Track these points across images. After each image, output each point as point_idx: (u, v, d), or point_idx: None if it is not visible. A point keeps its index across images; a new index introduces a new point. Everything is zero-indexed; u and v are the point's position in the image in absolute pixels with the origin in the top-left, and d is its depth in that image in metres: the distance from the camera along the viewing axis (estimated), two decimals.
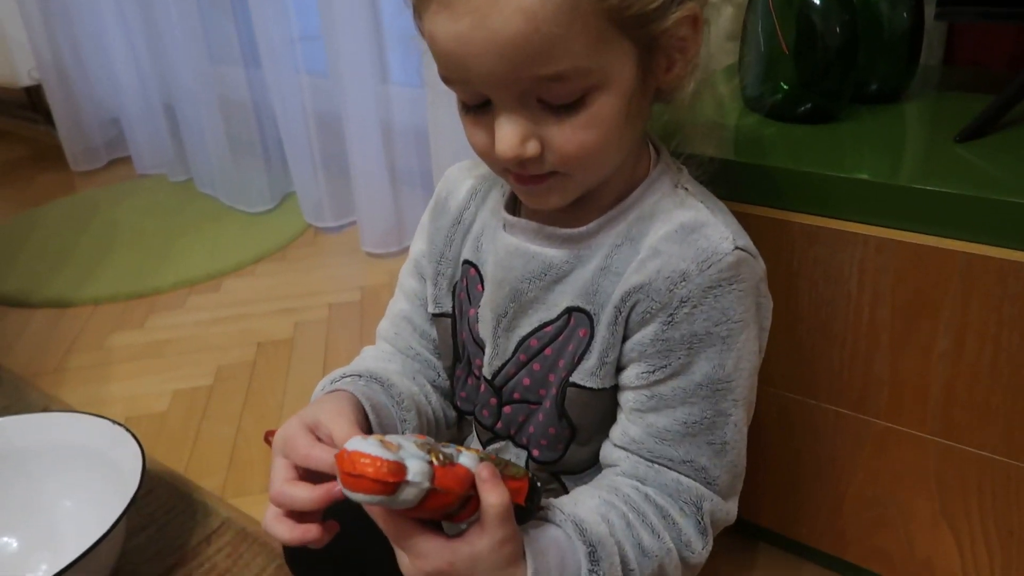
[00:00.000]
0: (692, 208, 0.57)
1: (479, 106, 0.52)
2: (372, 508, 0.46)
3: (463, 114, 0.55)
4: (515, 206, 0.63)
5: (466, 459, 0.47)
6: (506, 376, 0.63)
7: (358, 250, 1.77)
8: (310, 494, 0.51)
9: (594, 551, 0.51)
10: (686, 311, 0.54)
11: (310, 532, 0.51)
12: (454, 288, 0.68)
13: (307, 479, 0.52)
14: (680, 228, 0.56)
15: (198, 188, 2.16)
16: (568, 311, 0.59)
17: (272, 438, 0.56)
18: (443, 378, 0.72)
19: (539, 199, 0.56)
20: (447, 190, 0.69)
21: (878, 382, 0.72)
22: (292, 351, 1.43)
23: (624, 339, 0.58)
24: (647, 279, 0.55)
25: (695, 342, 0.55)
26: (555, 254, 0.59)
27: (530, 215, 0.61)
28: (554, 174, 0.54)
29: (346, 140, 1.64)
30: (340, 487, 0.44)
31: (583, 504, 0.55)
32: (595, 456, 0.63)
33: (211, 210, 2.05)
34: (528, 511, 0.51)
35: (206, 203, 2.09)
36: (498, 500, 0.46)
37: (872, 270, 0.67)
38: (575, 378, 0.60)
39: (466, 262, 0.66)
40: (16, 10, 2.25)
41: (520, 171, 0.53)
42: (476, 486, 0.47)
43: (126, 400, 1.32)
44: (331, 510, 0.52)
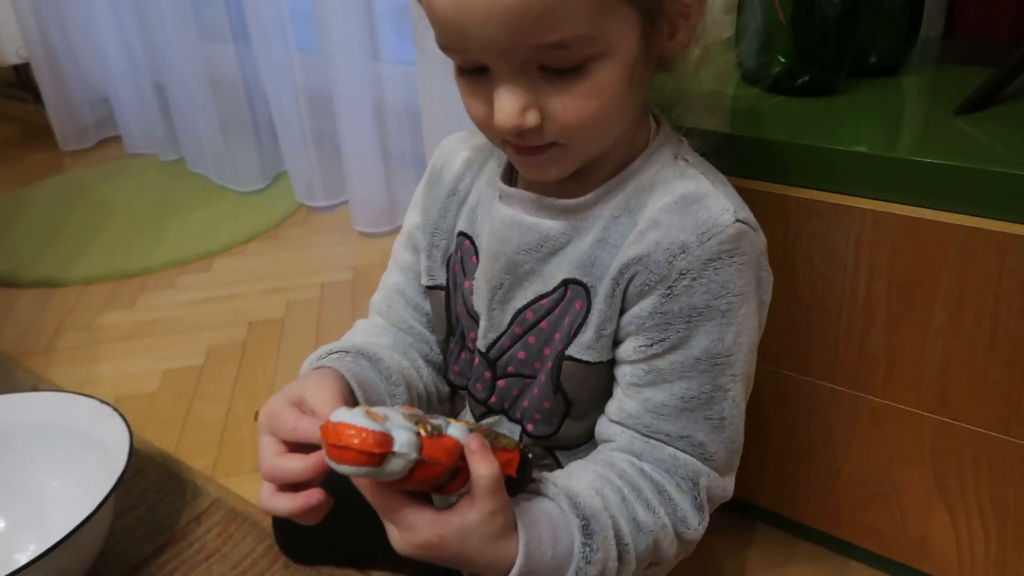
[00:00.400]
0: (692, 179, 0.56)
1: (476, 72, 0.51)
2: (359, 480, 0.45)
3: (460, 80, 0.53)
4: (511, 177, 0.62)
5: (455, 430, 0.47)
6: (501, 349, 0.63)
7: (350, 229, 1.76)
8: (303, 463, 0.50)
9: (587, 524, 0.51)
10: (685, 283, 0.54)
11: (313, 497, 0.50)
12: (448, 260, 0.67)
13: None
14: (680, 199, 0.55)
15: (189, 167, 2.14)
16: (565, 283, 0.59)
17: None
18: (436, 352, 0.71)
19: (538, 170, 0.55)
20: (442, 161, 0.68)
21: (874, 358, 0.72)
22: (283, 331, 1.42)
23: (622, 312, 0.57)
24: (646, 251, 0.54)
25: (694, 315, 0.54)
26: (552, 225, 0.58)
27: (527, 186, 0.60)
28: (554, 145, 0.52)
29: (338, 119, 1.63)
30: (326, 459, 0.43)
31: (577, 478, 0.55)
32: (590, 431, 0.63)
33: (202, 189, 2.03)
34: (520, 483, 0.51)
35: (197, 182, 2.07)
36: (488, 471, 0.46)
37: (869, 244, 0.67)
38: (571, 351, 0.59)
39: (461, 234, 0.65)
40: None
41: (519, 142, 0.52)
42: (465, 458, 0.46)
43: (116, 380, 1.31)
44: (322, 486, 0.51)
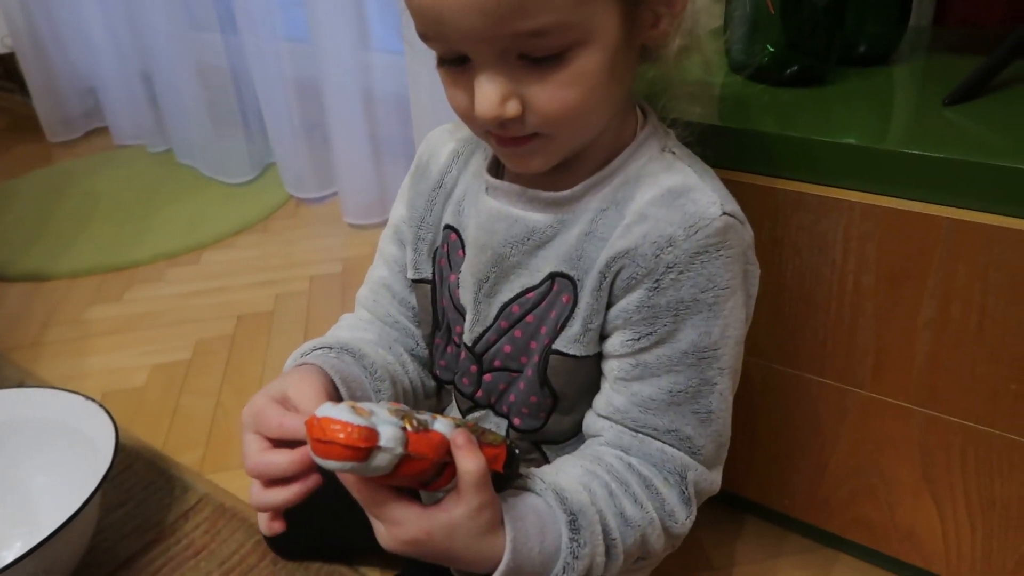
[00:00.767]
0: (679, 172, 0.56)
1: (457, 63, 0.50)
2: (345, 476, 0.45)
3: (441, 71, 0.53)
4: (498, 169, 0.62)
5: (441, 425, 0.46)
6: (487, 343, 0.62)
7: (340, 221, 1.75)
8: (289, 457, 0.50)
9: (575, 519, 0.51)
10: (672, 277, 0.53)
11: (310, 481, 0.50)
12: (434, 254, 0.66)
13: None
14: (667, 192, 0.54)
15: (178, 159, 2.12)
16: (551, 276, 0.58)
17: None
18: (422, 347, 0.71)
19: (521, 162, 0.55)
20: (429, 153, 0.68)
21: (862, 351, 0.71)
22: (272, 324, 1.41)
23: (608, 306, 0.57)
24: (633, 244, 0.54)
25: (681, 309, 0.54)
26: (538, 218, 0.58)
27: (513, 178, 0.59)
28: (536, 135, 0.52)
29: (326, 108, 1.62)
30: (311, 454, 0.43)
31: (564, 473, 0.54)
32: (577, 426, 0.63)
33: (191, 181, 2.01)
34: (507, 479, 0.50)
35: (186, 174, 2.06)
36: (474, 466, 0.45)
37: (857, 237, 0.66)
38: (558, 345, 0.58)
39: (447, 227, 0.65)
40: None
41: (501, 132, 0.52)
42: (452, 453, 0.46)
43: (103, 374, 1.30)
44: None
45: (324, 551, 0.88)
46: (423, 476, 0.45)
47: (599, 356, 0.59)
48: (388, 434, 0.42)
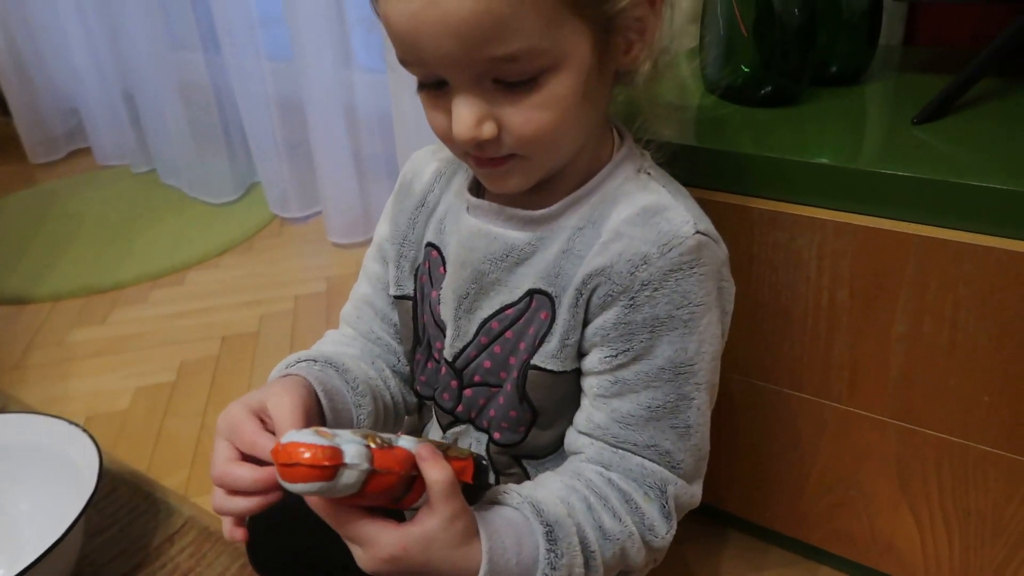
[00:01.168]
0: (654, 192, 0.57)
1: (436, 86, 0.52)
2: (315, 501, 0.45)
3: (421, 95, 0.54)
4: (479, 189, 0.63)
5: (405, 442, 0.47)
6: (467, 359, 0.63)
7: (324, 240, 1.75)
8: (255, 475, 0.50)
9: (551, 531, 0.51)
10: (647, 294, 0.54)
11: (269, 497, 0.50)
12: (416, 271, 0.67)
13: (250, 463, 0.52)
14: (642, 211, 0.55)
15: (161, 179, 2.12)
16: (530, 293, 0.59)
17: None
18: (403, 363, 0.71)
19: (499, 182, 0.56)
20: (412, 172, 0.69)
21: (838, 366, 0.72)
22: (257, 344, 1.41)
23: (586, 323, 0.57)
24: (608, 262, 0.55)
25: (657, 325, 0.55)
26: (517, 236, 0.59)
27: (493, 197, 0.61)
28: (513, 156, 0.53)
29: (310, 127, 1.62)
30: (279, 481, 0.43)
31: (543, 487, 0.55)
32: (558, 441, 0.63)
33: (174, 201, 2.01)
34: (477, 489, 0.51)
35: (169, 194, 2.06)
36: (441, 476, 0.46)
37: (831, 254, 0.68)
38: (536, 360, 0.59)
39: (429, 244, 0.66)
40: None
41: (478, 153, 0.53)
42: (419, 467, 0.46)
43: (87, 397, 1.30)
44: (293, 503, 0.51)
45: (311, 573, 0.88)
46: (392, 492, 0.46)
47: (577, 372, 0.59)
48: (352, 451, 0.43)
